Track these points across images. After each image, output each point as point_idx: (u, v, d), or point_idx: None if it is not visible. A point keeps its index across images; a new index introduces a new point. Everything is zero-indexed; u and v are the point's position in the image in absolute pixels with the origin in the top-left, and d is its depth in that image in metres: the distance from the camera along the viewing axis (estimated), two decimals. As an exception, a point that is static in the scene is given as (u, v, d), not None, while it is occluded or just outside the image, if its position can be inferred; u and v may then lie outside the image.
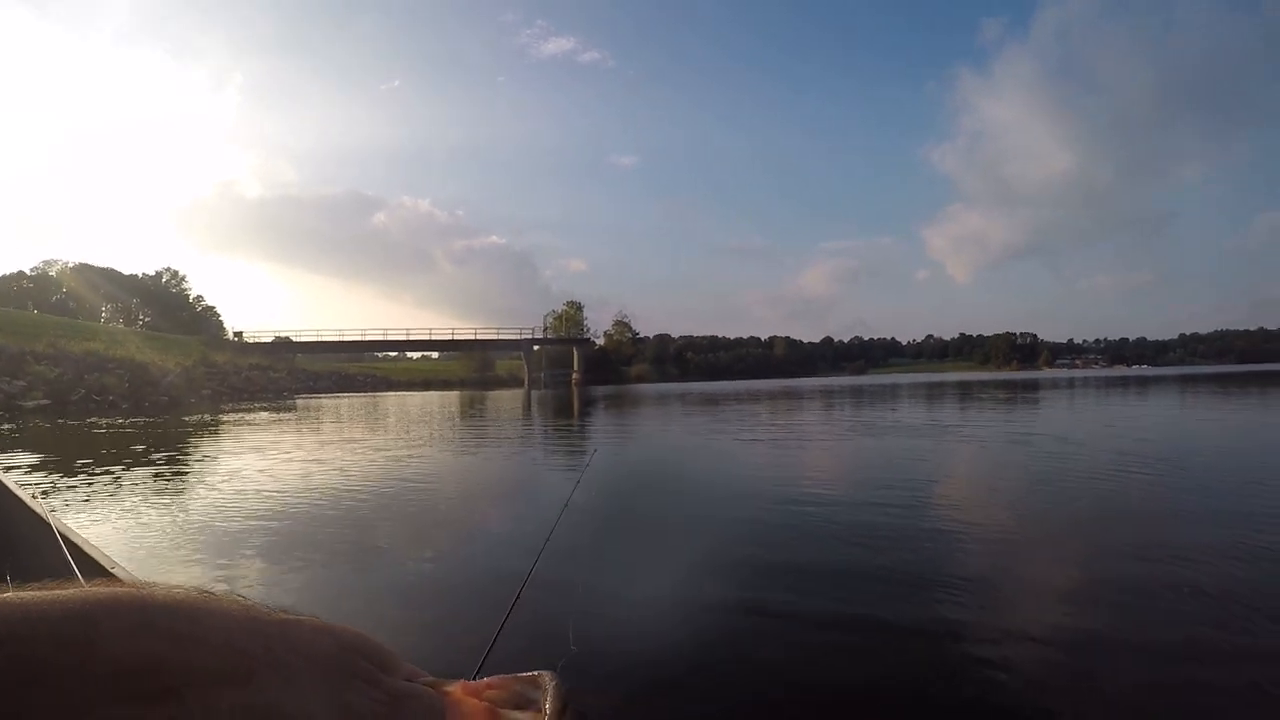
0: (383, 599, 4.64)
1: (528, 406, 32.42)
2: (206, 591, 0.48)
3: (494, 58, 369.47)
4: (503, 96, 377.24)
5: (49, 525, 2.85)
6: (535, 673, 0.59)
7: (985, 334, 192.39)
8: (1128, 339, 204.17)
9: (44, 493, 6.26)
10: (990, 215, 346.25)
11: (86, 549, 2.72)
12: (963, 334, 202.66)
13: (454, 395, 49.53)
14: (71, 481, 9.61)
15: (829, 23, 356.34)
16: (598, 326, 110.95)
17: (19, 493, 3.56)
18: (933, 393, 38.09)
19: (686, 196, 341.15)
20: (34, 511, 3.25)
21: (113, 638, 0.38)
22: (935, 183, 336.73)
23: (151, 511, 7.61)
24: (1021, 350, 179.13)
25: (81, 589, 0.41)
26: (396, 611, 4.40)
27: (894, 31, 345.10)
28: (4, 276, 74.87)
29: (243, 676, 0.43)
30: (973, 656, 3.49)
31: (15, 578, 1.96)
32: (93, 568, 2.58)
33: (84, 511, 7.48)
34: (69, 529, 2.90)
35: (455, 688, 0.56)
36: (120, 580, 1.77)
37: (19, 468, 10.81)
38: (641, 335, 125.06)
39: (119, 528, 6.76)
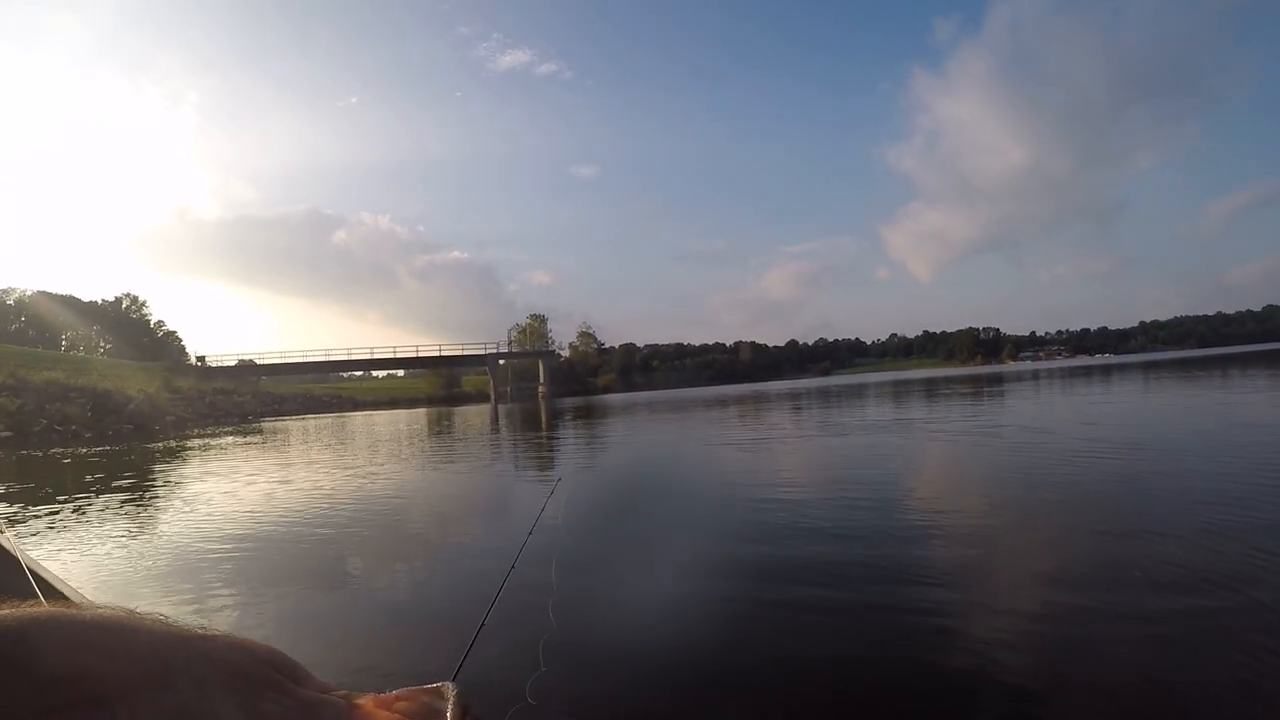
0: (348, 622, 4.64)
1: (495, 421, 32.38)
2: (132, 611, 0.51)
3: (451, 72, 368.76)
4: (461, 110, 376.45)
5: (16, 559, 2.76)
6: (439, 684, 0.63)
7: (949, 330, 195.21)
8: (1089, 329, 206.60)
9: (9, 523, 6.53)
10: (949, 212, 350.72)
11: (53, 581, 2.71)
12: (926, 331, 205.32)
13: (421, 413, 49.61)
14: (36, 512, 9.63)
15: (781, 27, 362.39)
16: (563, 338, 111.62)
17: None
18: (899, 390, 38.50)
19: (647, 204, 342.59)
20: (1, 547, 3.15)
21: (44, 650, 0.41)
22: (893, 182, 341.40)
23: (118, 540, 7.60)
24: (985, 345, 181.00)
25: (16, 608, 0.42)
26: (361, 634, 4.40)
27: (846, 34, 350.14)
28: (-41, 307, 73.94)
29: (164, 685, 0.46)
30: (953, 630, 3.72)
31: None
32: (59, 598, 2.33)
33: (50, 542, 7.49)
34: (35, 561, 2.86)
35: (366, 700, 0.58)
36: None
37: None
38: (607, 345, 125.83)
39: (86, 558, 6.76)
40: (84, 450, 22.07)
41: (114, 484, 13.01)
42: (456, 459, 15.95)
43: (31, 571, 2.51)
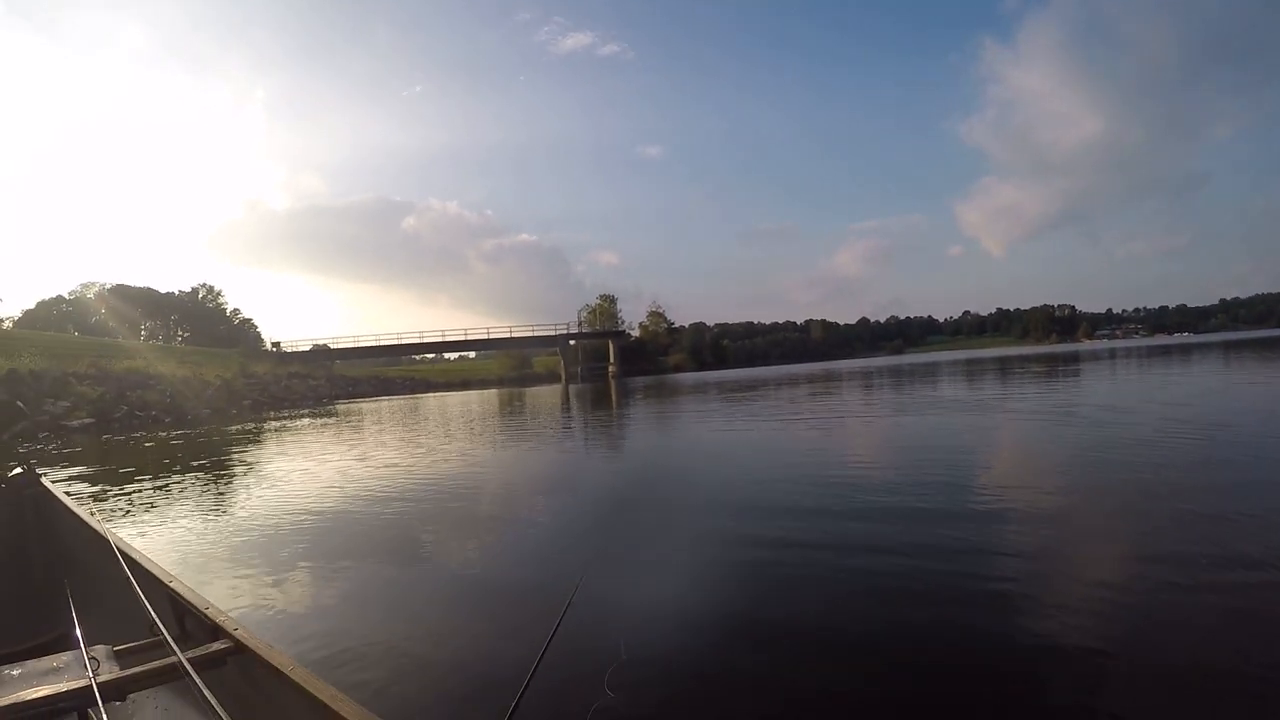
0: (429, 606, 4.52)
1: (566, 401, 32.15)
2: None
3: (513, 57, 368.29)
4: (525, 95, 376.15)
5: (108, 541, 2.87)
6: None
7: (1023, 307, 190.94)
8: (1167, 307, 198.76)
9: (98, 506, 6.78)
10: (1023, 186, 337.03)
11: (144, 563, 2.74)
12: (1000, 309, 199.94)
13: (492, 394, 49.18)
14: (120, 493, 9.66)
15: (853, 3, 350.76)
16: (632, 318, 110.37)
17: (77, 510, 3.52)
18: (972, 369, 37.50)
19: (714, 183, 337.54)
20: (93, 528, 3.23)
21: None
22: (964, 156, 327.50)
23: (197, 517, 7.69)
24: (1060, 323, 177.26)
25: None
26: (441, 619, 4.27)
27: (913, 4, 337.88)
28: (44, 301, 76.10)
29: None
30: (1030, 600, 3.78)
31: (75, 593, 2.69)
32: (151, 582, 2.62)
33: (133, 521, 7.51)
34: (127, 544, 2.91)
35: None
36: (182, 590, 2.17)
37: (68, 483, 10.65)
38: (677, 325, 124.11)
39: (166, 534, 6.83)
40: (164, 434, 22.14)
41: (193, 464, 13.07)
42: (529, 438, 15.84)
43: (120, 551, 2.71)
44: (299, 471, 11.36)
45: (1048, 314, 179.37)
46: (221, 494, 9.52)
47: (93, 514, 3.41)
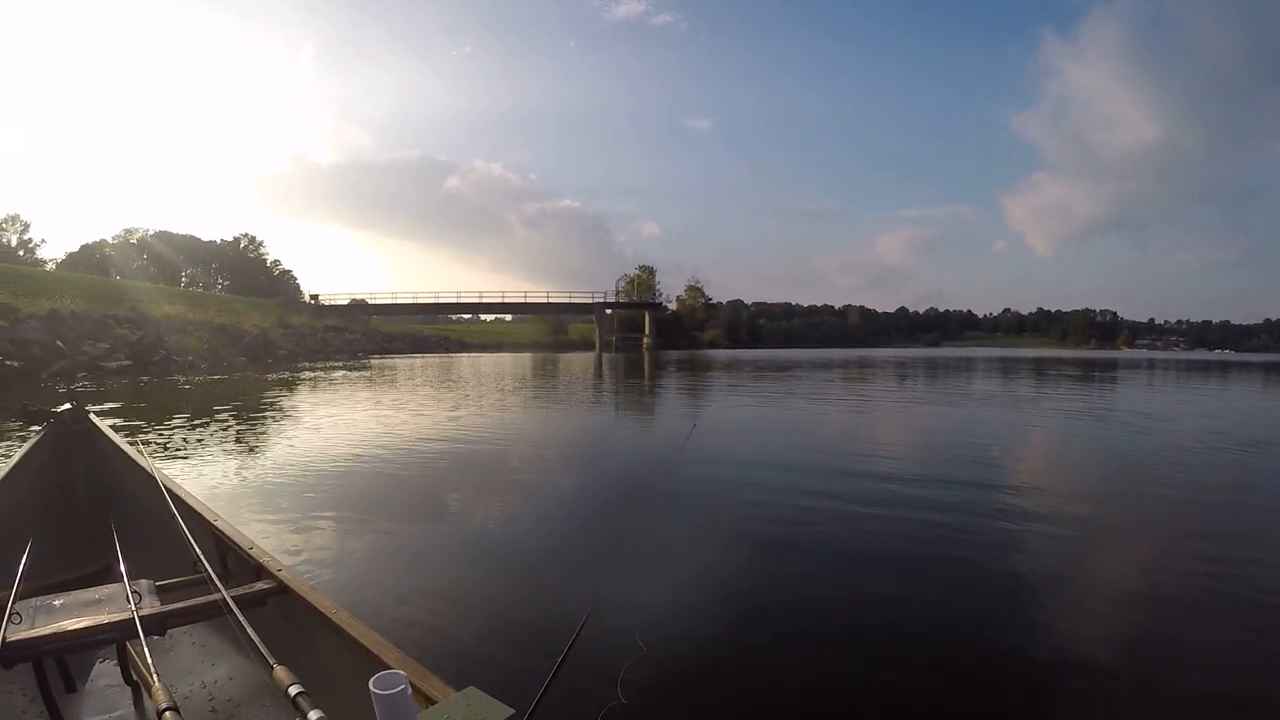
0: (452, 567, 4.48)
1: (599, 370, 32.51)
2: None
3: (565, 22, 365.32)
4: (574, 61, 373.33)
5: (154, 479, 2.99)
6: None
7: (1064, 310, 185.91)
8: (1211, 322, 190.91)
9: (143, 443, 6.69)
10: (1074, 185, 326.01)
11: (190, 502, 2.86)
12: (1041, 309, 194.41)
13: (526, 357, 49.46)
14: (156, 432, 9.79)
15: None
16: (670, 291, 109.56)
17: (124, 447, 3.63)
18: (1008, 368, 37.09)
19: (761, 160, 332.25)
20: (140, 466, 3.35)
21: None
22: (1017, 150, 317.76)
23: (229, 460, 7.87)
24: (1100, 328, 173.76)
25: None
26: (467, 574, 4.31)
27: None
28: (87, 245, 76.84)
29: None
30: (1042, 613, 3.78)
31: (120, 527, 2.77)
32: (196, 520, 2.71)
33: (167, 461, 7.56)
34: (173, 482, 3.04)
35: None
36: (226, 530, 2.65)
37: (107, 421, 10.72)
38: (715, 301, 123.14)
39: (200, 475, 6.92)
40: (199, 379, 22.46)
41: (228, 409, 13.25)
42: (559, 403, 16.18)
43: (166, 488, 2.86)
44: (331, 421, 11.56)
45: (1089, 318, 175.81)
46: (254, 438, 9.60)
47: (140, 452, 3.52)
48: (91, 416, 3.94)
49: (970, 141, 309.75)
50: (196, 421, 11.01)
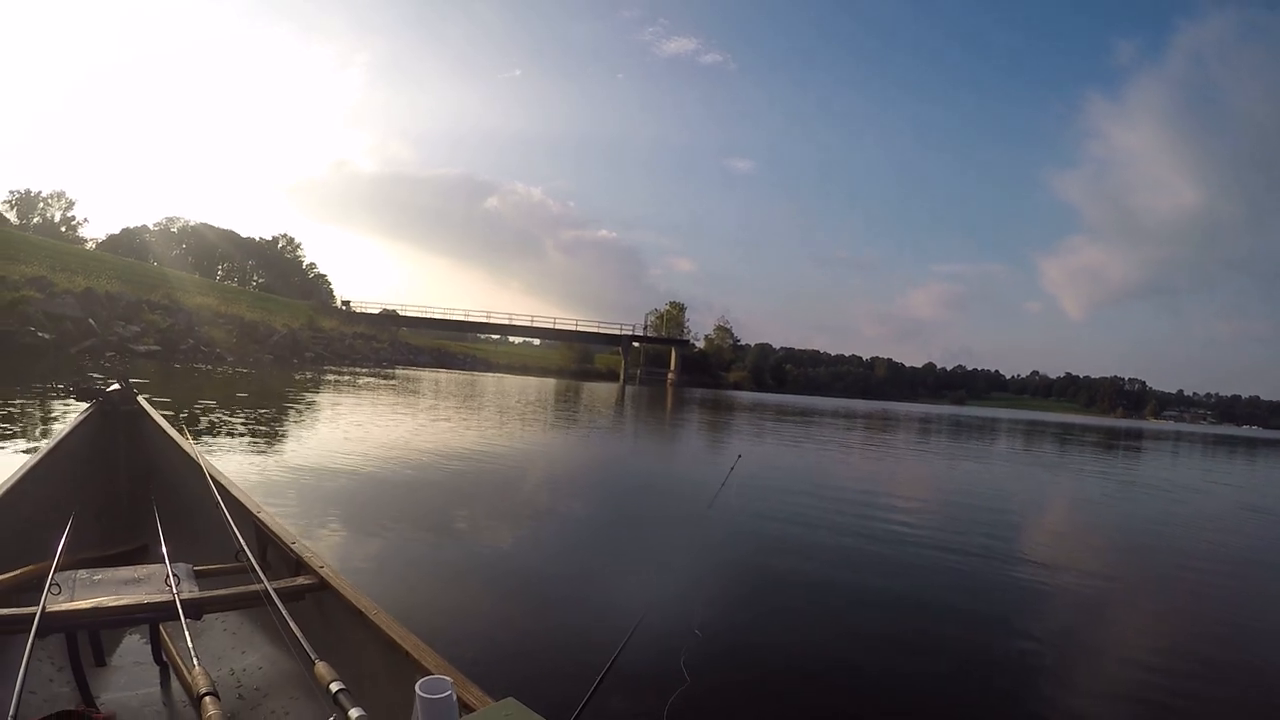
0: (458, 581, 4.33)
1: (621, 401, 32.30)
2: None
3: (614, 53, 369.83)
4: (622, 92, 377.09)
5: (199, 465, 2.97)
6: None
7: (1092, 375, 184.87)
8: (1240, 396, 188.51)
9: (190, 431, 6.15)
10: (1111, 249, 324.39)
11: (234, 491, 2.83)
12: (1069, 373, 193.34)
13: (551, 382, 49.48)
14: (182, 419, 9.54)
15: (953, 36, 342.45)
16: (699, 329, 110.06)
17: (170, 431, 3.61)
18: (1032, 433, 35.71)
19: (800, 204, 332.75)
20: (184, 451, 3.33)
21: None
22: (1055, 211, 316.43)
23: (246, 452, 7.75)
24: (1128, 397, 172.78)
25: None
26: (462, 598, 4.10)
27: (1023, 47, 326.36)
28: (129, 229, 77.92)
29: None
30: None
31: (161, 510, 3.02)
32: (238, 509, 2.68)
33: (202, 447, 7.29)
34: (218, 470, 3.00)
35: None
36: (269, 522, 2.63)
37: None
38: (742, 342, 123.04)
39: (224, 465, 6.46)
40: (225, 370, 22.62)
41: (254, 402, 13.28)
42: (579, 429, 16.02)
43: (211, 476, 2.84)
44: (356, 425, 11.41)
45: (1117, 386, 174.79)
46: (276, 433, 9.56)
47: (186, 437, 3.51)
48: (140, 399, 3.91)
49: (1010, 199, 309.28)
50: (224, 412, 10.92)
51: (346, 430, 10.53)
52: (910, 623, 4.28)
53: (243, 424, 9.83)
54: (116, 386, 3.89)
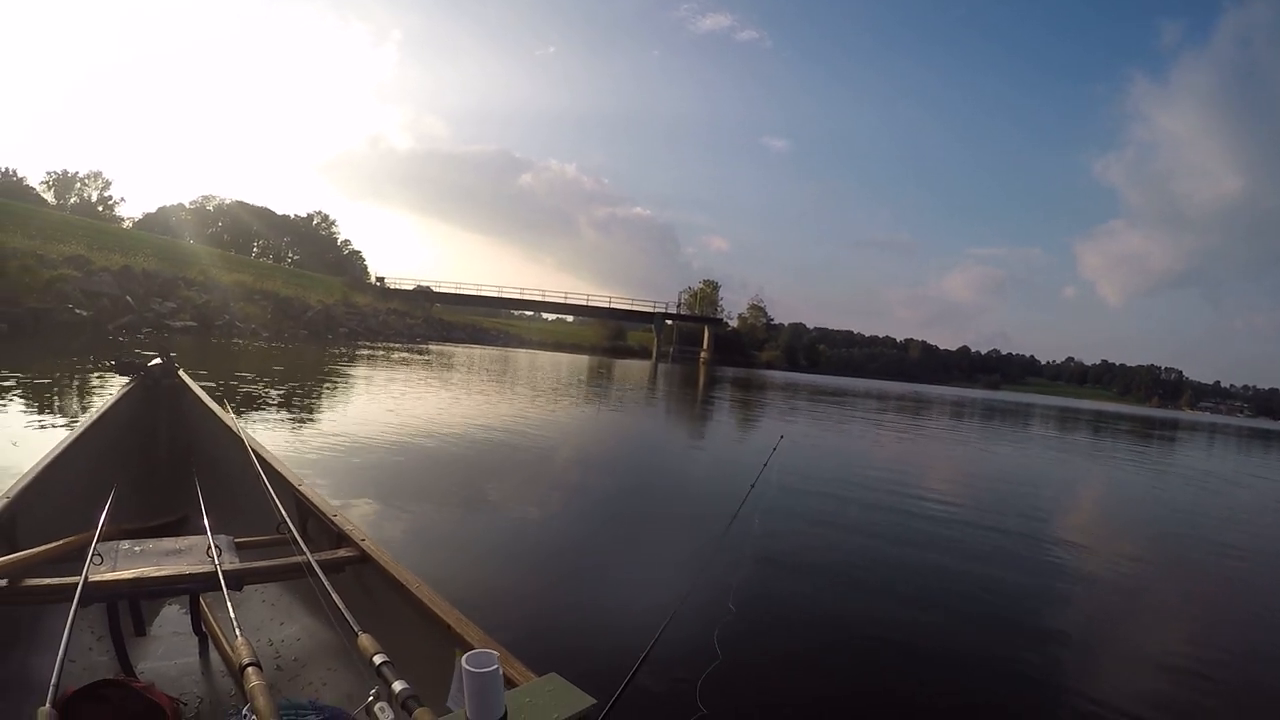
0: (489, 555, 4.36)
1: (654, 379, 32.58)
2: None
3: (649, 31, 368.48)
4: (657, 69, 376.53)
5: (240, 438, 3.07)
6: None
7: (1129, 364, 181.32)
8: (1278, 389, 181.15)
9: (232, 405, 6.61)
10: (1152, 236, 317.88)
11: (275, 464, 2.90)
12: (1105, 360, 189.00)
13: (584, 359, 49.78)
14: (219, 391, 9.49)
15: (996, 11, 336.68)
16: (733, 308, 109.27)
17: (211, 404, 3.71)
18: (1066, 420, 35.02)
19: (836, 184, 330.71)
20: (225, 424, 3.43)
21: None
22: (1095, 194, 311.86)
23: (280, 423, 7.89)
24: (1164, 386, 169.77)
25: None
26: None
27: (1066, 23, 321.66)
28: (165, 207, 78.75)
29: None
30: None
31: (202, 482, 2.93)
32: (279, 482, 2.74)
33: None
34: (259, 443, 3.07)
35: None
36: (310, 494, 2.71)
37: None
38: (776, 321, 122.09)
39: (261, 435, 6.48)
40: (260, 345, 23.03)
41: (290, 376, 13.47)
42: (613, 406, 16.30)
43: (252, 449, 2.93)
44: (390, 398, 11.48)
45: (1153, 375, 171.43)
46: (310, 406, 9.65)
47: (226, 410, 3.62)
48: (181, 373, 4.01)
49: (1049, 183, 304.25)
50: (260, 384, 10.94)
51: (381, 403, 10.56)
52: (944, 603, 4.28)
53: (279, 397, 9.87)
54: (158, 360, 4.00)
